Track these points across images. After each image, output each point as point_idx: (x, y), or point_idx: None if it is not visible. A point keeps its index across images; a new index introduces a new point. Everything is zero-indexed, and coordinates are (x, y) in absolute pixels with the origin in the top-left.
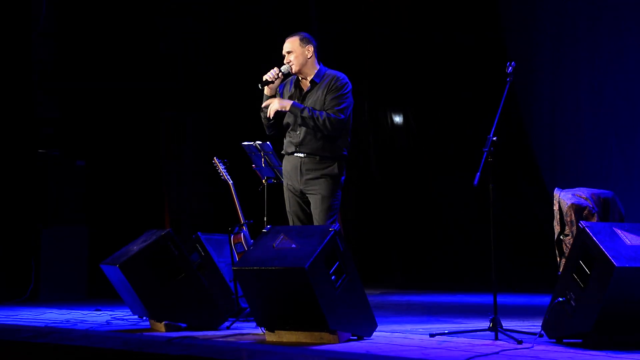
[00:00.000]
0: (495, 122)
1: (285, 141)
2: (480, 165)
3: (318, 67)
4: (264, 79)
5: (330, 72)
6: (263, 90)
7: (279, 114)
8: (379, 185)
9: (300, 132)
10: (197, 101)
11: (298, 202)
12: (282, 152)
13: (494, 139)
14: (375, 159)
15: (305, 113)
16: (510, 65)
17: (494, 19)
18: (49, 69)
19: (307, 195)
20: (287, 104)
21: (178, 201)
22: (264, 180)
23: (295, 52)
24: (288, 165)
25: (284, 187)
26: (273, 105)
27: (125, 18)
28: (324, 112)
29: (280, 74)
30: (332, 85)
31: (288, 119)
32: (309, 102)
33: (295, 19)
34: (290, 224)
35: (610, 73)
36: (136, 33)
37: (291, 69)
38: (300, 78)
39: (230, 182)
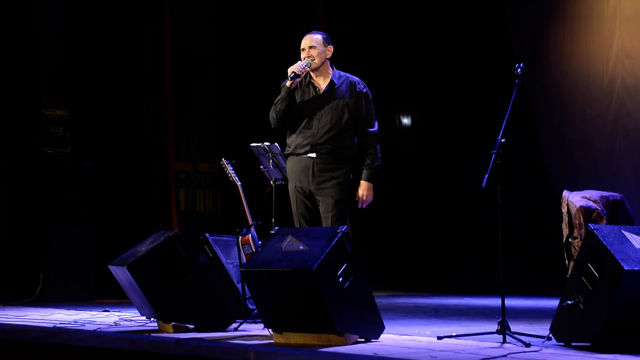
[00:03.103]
0: (504, 124)
1: (294, 140)
2: (489, 167)
3: (333, 68)
4: (291, 72)
5: (347, 75)
6: (285, 83)
7: (291, 105)
8: (384, 191)
9: (317, 131)
10: (206, 101)
11: (305, 204)
12: (287, 152)
13: (502, 141)
14: (382, 164)
15: (376, 166)
16: (518, 67)
17: (502, 19)
18: (57, 69)
19: (317, 197)
20: (371, 187)
21: (186, 202)
22: (272, 182)
23: (318, 49)
24: (297, 166)
25: (290, 189)
26: (369, 199)
27: (131, 20)
28: (373, 149)
29: (306, 68)
30: (360, 96)
31: (301, 116)
32: (327, 103)
33: (303, 19)
34: (297, 225)
35: (618, 73)
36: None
37: (310, 65)
38: (314, 77)
39: (239, 183)
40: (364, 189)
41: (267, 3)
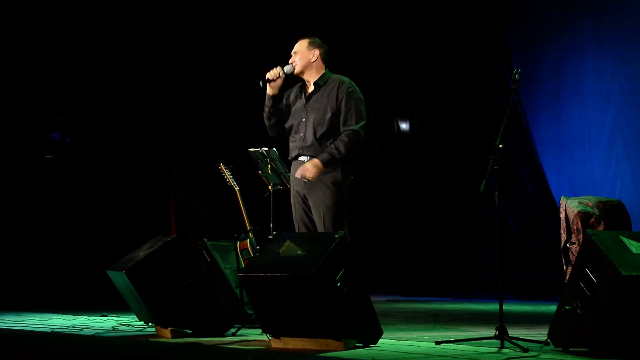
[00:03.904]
0: (502, 129)
1: (290, 145)
2: (487, 172)
3: (323, 71)
4: (266, 77)
5: (336, 77)
6: (265, 88)
7: (281, 112)
8: (384, 192)
9: (304, 134)
10: (205, 107)
11: (303, 209)
12: (289, 157)
13: (500, 146)
14: (381, 165)
15: (334, 154)
16: (516, 72)
17: (500, 25)
18: (57, 73)
19: (309, 201)
20: (317, 165)
21: (184, 207)
22: (270, 187)
23: (301, 53)
24: (292, 170)
25: (291, 193)
26: (308, 174)
27: (130, 23)
28: (343, 139)
29: (281, 72)
30: (341, 94)
31: (292, 121)
32: (313, 105)
33: (303, 19)
34: (296, 230)
35: (616, 79)
36: (141, 37)
37: (293, 69)
38: (305, 82)
39: (237, 188)
40: (310, 163)
41: (267, 3)
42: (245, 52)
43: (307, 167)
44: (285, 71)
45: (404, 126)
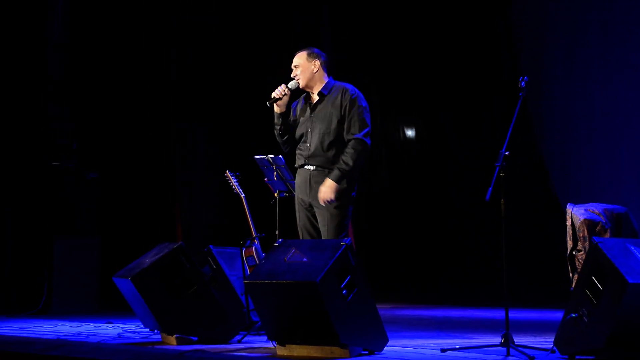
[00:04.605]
0: (508, 136)
1: (296, 154)
2: (493, 179)
3: (326, 80)
4: (272, 97)
5: (339, 85)
6: (272, 108)
7: (291, 125)
8: (389, 198)
9: (310, 143)
10: (210, 112)
11: (307, 216)
12: (295, 165)
13: (506, 153)
14: (387, 171)
15: (344, 169)
16: (522, 80)
17: (506, 31)
18: (63, 80)
19: (315, 209)
20: (331, 186)
21: (190, 214)
22: (276, 194)
23: (302, 66)
24: (299, 178)
25: (295, 201)
26: (325, 196)
27: (131, 27)
28: (349, 150)
29: (286, 90)
30: (345, 102)
31: (299, 131)
32: (318, 115)
33: (303, 19)
34: (301, 238)
35: (622, 86)
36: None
37: (298, 84)
38: (309, 92)
39: (243, 195)
40: (325, 186)
41: (267, 3)
42: (246, 52)
43: (322, 191)
44: (290, 87)
45: (407, 129)
